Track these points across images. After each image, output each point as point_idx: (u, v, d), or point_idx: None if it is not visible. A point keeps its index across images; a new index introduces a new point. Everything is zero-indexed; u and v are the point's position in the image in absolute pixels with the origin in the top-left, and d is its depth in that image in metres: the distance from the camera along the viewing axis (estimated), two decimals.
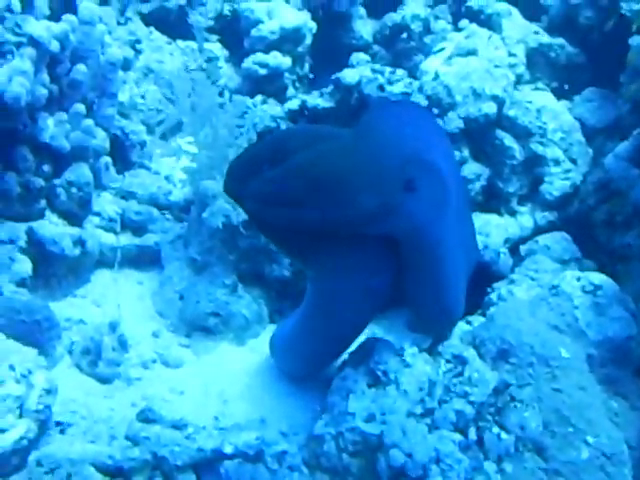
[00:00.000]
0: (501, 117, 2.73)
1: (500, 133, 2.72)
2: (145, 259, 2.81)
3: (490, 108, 2.68)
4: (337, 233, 1.87)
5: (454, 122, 2.63)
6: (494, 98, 2.71)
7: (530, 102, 2.80)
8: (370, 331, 2.59)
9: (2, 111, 2.24)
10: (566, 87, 3.23)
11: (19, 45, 2.29)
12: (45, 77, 2.37)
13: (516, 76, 3.17)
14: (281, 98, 3.54)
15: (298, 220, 1.85)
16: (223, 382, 2.37)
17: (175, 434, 1.76)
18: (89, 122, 2.63)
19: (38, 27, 2.31)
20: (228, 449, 1.75)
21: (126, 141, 3.08)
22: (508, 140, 2.72)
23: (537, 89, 3.29)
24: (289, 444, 1.89)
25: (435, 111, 2.64)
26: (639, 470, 1.91)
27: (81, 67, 2.63)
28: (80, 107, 2.61)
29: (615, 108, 3.14)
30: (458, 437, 1.82)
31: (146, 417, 1.81)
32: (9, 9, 2.43)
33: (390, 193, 1.78)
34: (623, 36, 3.02)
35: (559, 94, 3.31)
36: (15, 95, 2.22)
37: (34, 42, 2.28)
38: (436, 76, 2.76)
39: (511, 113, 2.74)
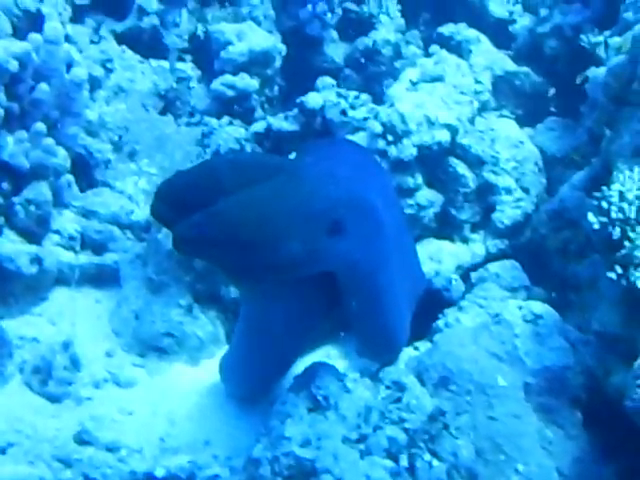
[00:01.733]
0: (455, 145, 2.77)
1: (453, 161, 2.76)
2: (104, 278, 2.83)
3: (443, 136, 2.73)
4: (266, 275, 1.91)
5: (408, 150, 2.67)
6: (447, 126, 2.75)
7: (484, 131, 2.85)
8: (326, 354, 2.64)
9: None
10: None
11: None
12: (1, 96, 2.39)
13: (481, 103, 3.23)
14: (249, 120, 3.58)
15: (223, 265, 1.89)
16: (173, 403, 2.39)
17: (108, 456, 1.78)
18: (49, 141, 2.66)
19: None
20: (160, 472, 1.77)
21: (90, 160, 3.10)
22: (461, 168, 2.76)
23: (502, 116, 3.36)
24: (222, 467, 1.91)
25: (390, 138, 2.68)
26: None
27: (43, 86, 2.66)
28: (41, 126, 2.64)
29: (575, 138, 3.20)
30: (389, 464, 1.84)
31: (81, 439, 1.83)
32: None
33: (315, 239, 1.81)
34: (586, 67, 3.09)
35: (522, 122, 3.37)
36: None
37: None
38: (391, 104, 2.80)
39: (464, 142, 2.78)
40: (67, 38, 3.23)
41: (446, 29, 3.71)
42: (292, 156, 2.84)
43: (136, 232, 2.98)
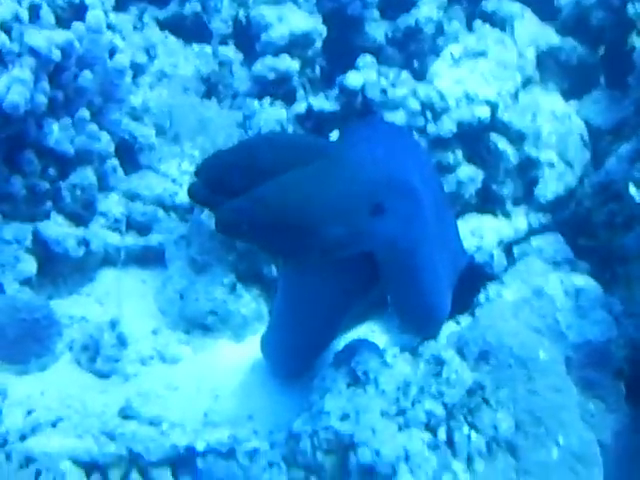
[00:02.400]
0: (495, 121, 2.74)
1: (494, 137, 2.73)
2: (149, 258, 2.89)
3: (483, 112, 2.70)
4: (309, 257, 1.93)
5: (447, 126, 2.65)
6: (487, 102, 2.72)
7: (526, 106, 2.81)
8: (369, 330, 2.65)
9: (2, 118, 2.33)
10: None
11: (20, 55, 2.38)
12: (45, 85, 2.45)
13: (525, 77, 3.18)
14: (291, 101, 3.59)
15: (266, 248, 1.91)
16: (217, 379, 2.44)
17: (150, 430, 1.83)
18: (93, 127, 2.72)
19: (38, 37, 2.40)
20: (200, 446, 1.81)
21: (134, 144, 3.16)
22: (502, 144, 2.73)
23: (547, 90, 3.30)
24: (263, 442, 1.94)
25: (429, 115, 2.67)
26: (614, 470, 1.91)
27: (87, 74, 2.71)
28: (85, 112, 2.70)
29: (622, 110, 3.13)
30: (427, 436, 1.85)
31: (125, 414, 1.88)
32: (17, 19, 2.53)
33: (356, 222, 1.83)
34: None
35: (568, 95, 3.31)
36: (13, 103, 2.31)
37: (33, 52, 2.37)
38: (430, 81, 2.79)
39: (505, 117, 2.75)
40: (110, 26, 3.29)
41: (489, 4, 3.65)
42: (333, 137, 2.85)
43: (180, 213, 3.03)
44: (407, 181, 1.96)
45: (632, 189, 1.94)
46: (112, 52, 2.99)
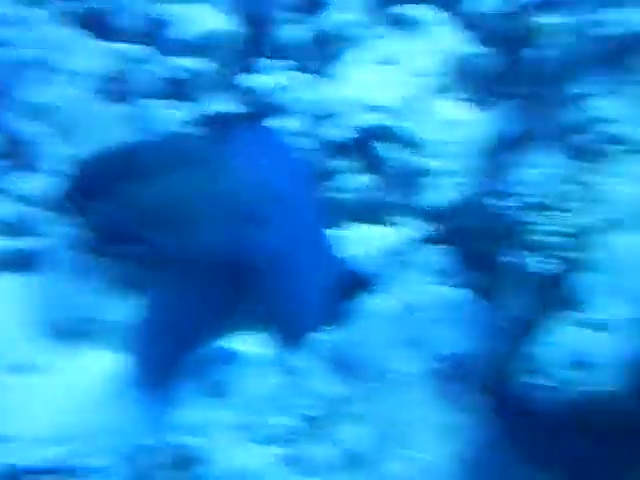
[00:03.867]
0: (388, 128, 2.71)
1: (385, 144, 2.70)
2: (25, 262, 2.76)
3: (377, 119, 2.67)
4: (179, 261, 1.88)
5: (339, 132, 2.62)
6: (382, 109, 2.70)
7: (424, 113, 2.78)
8: (240, 339, 2.57)
9: None
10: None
11: None
12: None
13: (433, 84, 3.15)
14: (194, 102, 3.51)
15: (136, 253, 1.86)
16: (84, 389, 2.34)
17: None
18: None
19: None
20: (37, 463, 1.70)
21: (26, 143, 3.04)
22: (393, 151, 2.70)
23: (452, 99, 3.28)
24: (109, 457, 1.85)
25: (323, 120, 2.64)
26: None
27: None
28: None
29: (527, 120, 3.12)
30: (281, 451, 1.79)
31: None
32: None
33: (232, 228, 1.79)
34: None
35: (477, 104, 3.29)
36: None
37: None
38: (329, 85, 2.76)
39: (399, 124, 2.72)
40: (8, 18, 3.18)
41: (403, 9, 3.62)
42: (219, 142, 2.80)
43: (57, 216, 2.91)
44: (280, 189, 1.94)
45: (501, 201, 1.93)
46: (7, 46, 2.87)
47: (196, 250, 1.84)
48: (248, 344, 2.39)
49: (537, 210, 1.93)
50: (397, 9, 3.64)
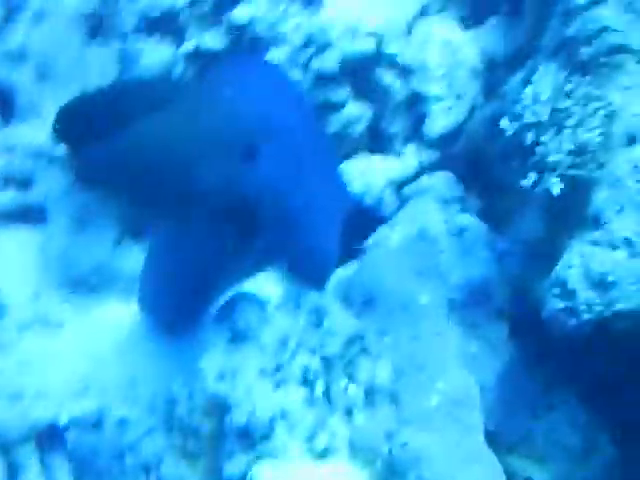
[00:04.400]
0: (382, 54, 2.63)
1: (380, 71, 2.62)
2: (30, 216, 2.73)
3: (368, 45, 2.58)
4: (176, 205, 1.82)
5: (329, 62, 2.53)
6: (372, 34, 2.60)
7: (415, 37, 2.70)
8: (263, 280, 2.57)
9: None
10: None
11: None
12: None
13: (421, 6, 3.06)
14: (180, 40, 3.40)
15: (130, 196, 1.80)
16: (101, 342, 2.33)
17: (10, 406, 1.72)
18: None
19: None
20: (64, 419, 1.72)
21: (10, 90, 2.95)
22: (388, 78, 2.63)
23: (443, 19, 3.19)
24: (137, 408, 1.87)
25: (311, 51, 2.54)
26: (496, 412, 1.91)
27: None
28: None
29: (517, 38, 3.05)
30: (304, 392, 1.80)
31: None
32: None
33: (227, 165, 1.72)
34: None
35: (467, 24, 3.20)
36: None
37: None
38: (314, 13, 2.65)
39: (392, 50, 2.64)
40: None
41: None
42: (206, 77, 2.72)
43: (62, 165, 2.86)
44: (280, 122, 1.87)
45: (504, 122, 1.88)
46: None
47: (193, 190, 1.75)
48: (265, 286, 2.40)
49: (541, 128, 1.88)
50: None
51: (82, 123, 1.85)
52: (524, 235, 2.04)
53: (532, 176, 1.83)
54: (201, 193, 1.77)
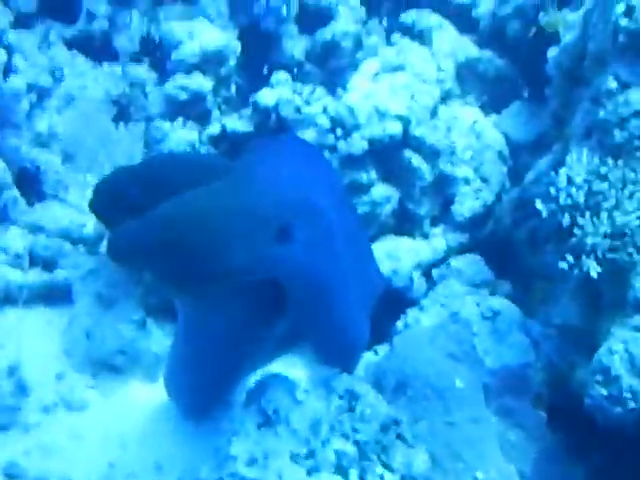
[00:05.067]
0: (408, 137, 2.66)
1: (408, 153, 2.65)
2: (55, 296, 2.72)
3: (395, 128, 2.61)
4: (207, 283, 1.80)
5: (358, 144, 2.56)
6: (399, 118, 2.64)
7: (441, 121, 2.73)
8: (288, 363, 2.52)
9: None
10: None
11: None
12: None
13: (444, 91, 3.12)
14: (205, 122, 3.46)
15: (162, 273, 1.78)
16: (126, 425, 2.29)
17: None
18: None
19: None
20: None
21: (38, 172, 2.99)
22: (416, 160, 2.65)
23: (465, 104, 3.25)
24: None
25: (339, 133, 2.57)
26: None
27: None
28: None
29: (541, 122, 3.09)
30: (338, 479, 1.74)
31: (9, 472, 1.72)
32: None
33: (261, 245, 1.70)
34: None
35: (488, 109, 3.26)
36: None
37: None
38: (340, 97, 2.70)
39: (418, 132, 2.67)
40: (8, 46, 3.13)
41: (408, 17, 3.59)
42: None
43: (88, 246, 2.87)
44: (315, 203, 1.86)
45: (539, 204, 1.88)
46: (8, 72, 2.83)
47: (225, 267, 1.72)
48: (291, 368, 2.36)
49: (577, 211, 1.87)
50: (402, 17, 3.62)
51: (117, 198, 1.85)
52: (559, 319, 2.00)
53: (569, 259, 1.80)
54: (233, 271, 1.75)
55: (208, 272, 1.75)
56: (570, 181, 1.84)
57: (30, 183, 2.95)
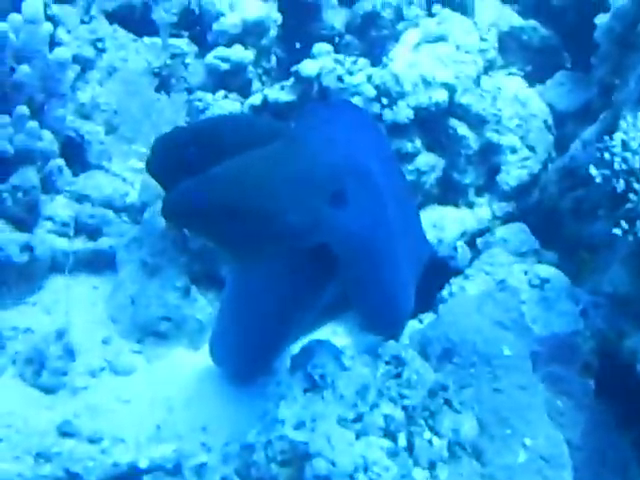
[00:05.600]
0: (454, 105, 2.63)
1: (453, 122, 2.62)
2: (101, 263, 2.75)
3: (440, 96, 2.58)
4: (260, 246, 1.79)
5: (403, 112, 2.53)
6: (445, 85, 2.61)
7: (486, 90, 2.70)
8: (332, 330, 2.54)
9: None
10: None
11: None
12: None
13: (487, 61, 3.08)
14: (246, 93, 3.46)
15: (215, 236, 1.78)
16: (172, 389, 2.31)
17: (90, 448, 1.70)
18: (33, 124, 2.57)
19: None
20: (144, 463, 1.69)
21: (82, 142, 3.01)
22: (462, 129, 2.62)
23: (509, 74, 3.21)
24: (213, 455, 1.83)
25: (384, 101, 2.55)
26: (584, 471, 1.82)
27: (24, 68, 2.57)
28: (23, 109, 2.55)
29: (586, 92, 3.04)
30: (387, 443, 1.74)
31: (63, 431, 1.76)
32: None
33: (314, 209, 1.69)
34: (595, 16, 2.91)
35: (532, 78, 3.21)
36: None
37: None
38: (384, 65, 2.67)
39: (464, 101, 2.63)
40: (52, 18, 3.15)
41: None
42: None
43: (131, 215, 2.89)
44: (368, 168, 1.84)
45: (593, 170, 1.84)
46: (53, 45, 2.85)
47: (278, 231, 1.71)
48: (338, 336, 2.37)
49: (632, 176, 1.83)
50: None
51: (174, 157, 1.85)
52: (609, 287, 1.97)
53: (623, 224, 1.78)
54: (288, 235, 1.74)
55: (263, 236, 1.75)
56: (625, 146, 1.81)
57: (75, 153, 2.97)
